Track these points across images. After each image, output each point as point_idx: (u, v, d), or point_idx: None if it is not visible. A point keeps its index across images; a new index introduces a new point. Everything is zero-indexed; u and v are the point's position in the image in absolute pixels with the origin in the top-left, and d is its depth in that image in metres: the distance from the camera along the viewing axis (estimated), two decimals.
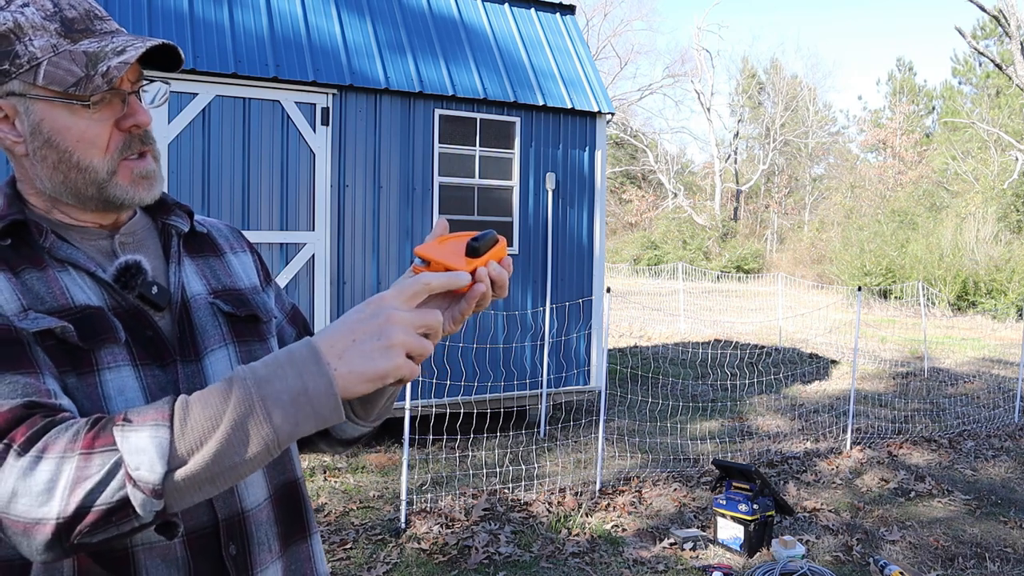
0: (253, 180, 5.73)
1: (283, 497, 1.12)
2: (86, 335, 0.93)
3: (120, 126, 0.98)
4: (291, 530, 1.12)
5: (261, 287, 1.22)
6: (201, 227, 1.19)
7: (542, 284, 6.86)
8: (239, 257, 1.21)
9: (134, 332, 0.99)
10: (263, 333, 1.15)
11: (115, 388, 0.94)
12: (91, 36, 0.96)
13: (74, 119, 0.96)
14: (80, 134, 0.96)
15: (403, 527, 4.35)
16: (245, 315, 1.13)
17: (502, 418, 6.63)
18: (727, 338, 12.98)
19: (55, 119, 0.96)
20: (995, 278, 18.48)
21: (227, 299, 1.12)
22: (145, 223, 1.12)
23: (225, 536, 1.01)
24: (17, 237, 0.98)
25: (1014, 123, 27.91)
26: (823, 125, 42.87)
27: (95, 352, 0.94)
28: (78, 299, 0.96)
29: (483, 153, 6.59)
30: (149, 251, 1.09)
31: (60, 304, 0.94)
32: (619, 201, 42.73)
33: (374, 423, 1.17)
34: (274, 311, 1.22)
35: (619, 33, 40.59)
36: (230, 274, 1.17)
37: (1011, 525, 4.78)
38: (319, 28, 6.10)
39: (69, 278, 0.97)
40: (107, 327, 0.95)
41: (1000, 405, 8.03)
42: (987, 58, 23.31)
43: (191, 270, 1.11)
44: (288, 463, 1.14)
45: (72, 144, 0.96)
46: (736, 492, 4.31)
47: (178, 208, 1.15)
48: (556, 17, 7.51)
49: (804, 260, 27.62)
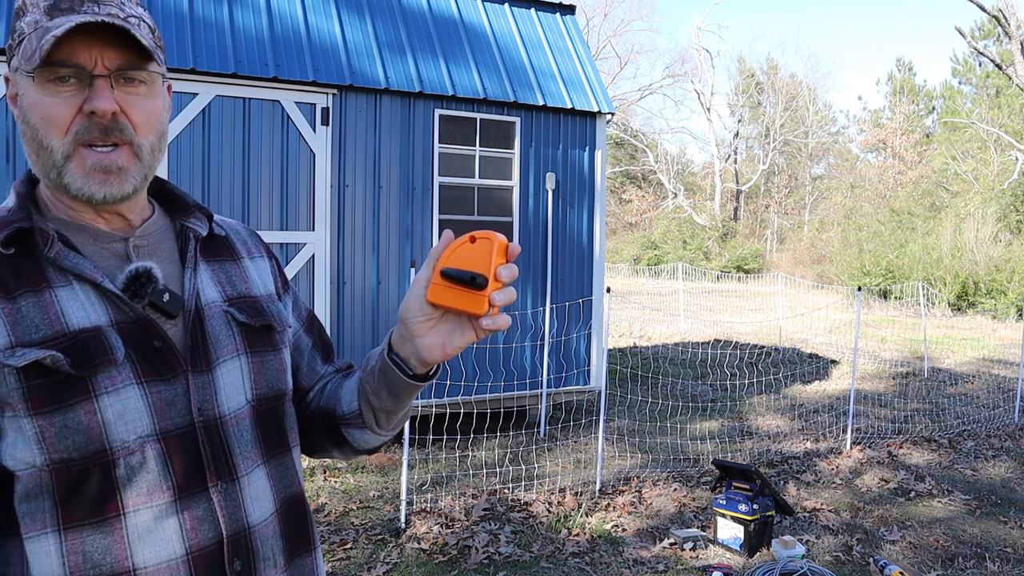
0: (253, 180, 5.73)
1: (289, 511, 1.10)
2: (80, 362, 0.91)
3: (83, 109, 0.95)
4: (296, 544, 1.11)
5: (277, 295, 1.20)
6: (220, 229, 1.16)
7: (542, 284, 6.86)
8: (256, 263, 1.19)
9: (139, 345, 0.97)
10: (276, 343, 1.13)
11: (114, 413, 0.93)
12: (72, 14, 0.94)
13: (41, 96, 0.95)
14: (44, 111, 0.95)
15: (403, 527, 4.35)
16: (259, 325, 1.11)
17: (502, 418, 6.63)
18: (727, 338, 12.98)
19: (29, 95, 0.96)
20: (995, 278, 18.48)
21: (242, 307, 1.10)
22: (163, 225, 1.10)
23: (230, 552, 0.99)
24: (22, 245, 0.96)
25: (1014, 123, 27.91)
26: (823, 125, 42.86)
27: (91, 378, 0.92)
28: (73, 322, 0.94)
29: (483, 153, 6.59)
30: (164, 255, 1.07)
31: (54, 331, 0.92)
32: (619, 201, 42.73)
33: (393, 431, 1.17)
34: (289, 320, 1.20)
35: (619, 33, 40.60)
36: (246, 281, 1.15)
37: (1011, 525, 4.78)
38: (319, 28, 6.10)
39: (70, 295, 0.95)
40: (102, 350, 0.93)
41: (1000, 405, 8.03)
42: (987, 58, 23.31)
43: (207, 276, 1.09)
44: (294, 476, 1.13)
45: (38, 121, 0.96)
46: (736, 492, 4.31)
47: (198, 210, 1.13)
48: (556, 17, 7.51)
49: (804, 260, 27.61)
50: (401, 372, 1.05)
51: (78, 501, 0.92)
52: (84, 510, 0.92)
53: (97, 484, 0.92)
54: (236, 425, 1.04)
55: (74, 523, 0.92)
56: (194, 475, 0.98)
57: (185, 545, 0.96)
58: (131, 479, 0.93)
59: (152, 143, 1.01)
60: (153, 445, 0.95)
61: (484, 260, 0.95)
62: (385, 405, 1.10)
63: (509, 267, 0.97)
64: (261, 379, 1.09)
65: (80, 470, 0.91)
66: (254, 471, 1.05)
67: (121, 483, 0.93)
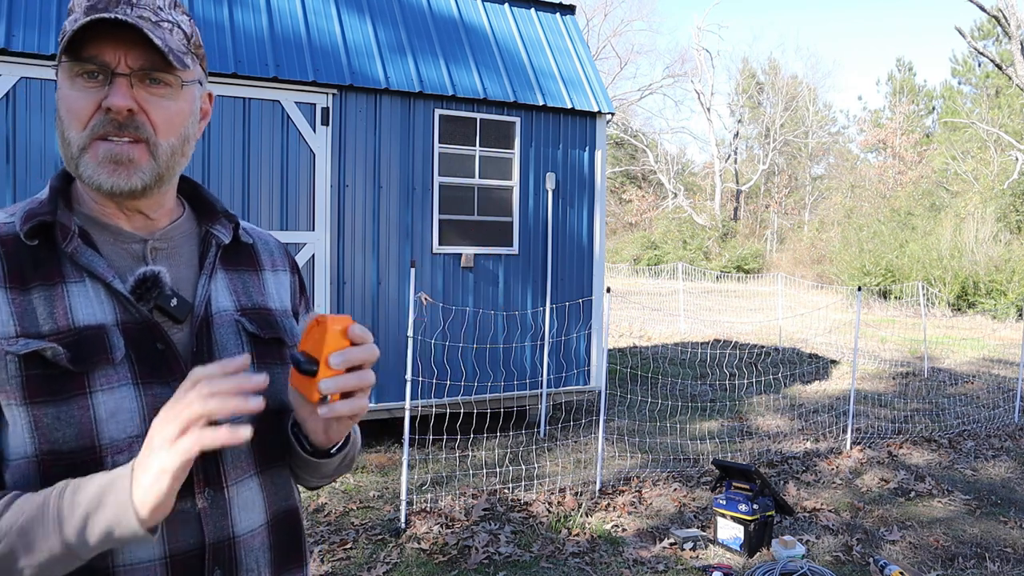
0: (253, 180, 5.73)
1: (281, 524, 1.09)
2: (78, 358, 0.93)
3: (101, 105, 0.97)
4: (286, 559, 1.09)
5: (294, 311, 1.20)
6: (247, 237, 1.16)
7: (542, 284, 6.86)
8: (277, 276, 1.19)
9: (141, 347, 0.97)
10: (286, 357, 1.12)
11: (107, 411, 0.93)
12: (104, 13, 0.96)
13: (69, 90, 0.98)
14: (69, 104, 0.98)
15: (403, 527, 4.35)
16: (269, 337, 1.11)
17: (502, 418, 6.63)
18: (727, 338, 12.98)
19: (61, 88, 0.99)
20: (995, 278, 18.48)
21: (254, 318, 1.10)
22: (188, 228, 1.11)
23: (211, 560, 0.99)
24: (45, 238, 0.98)
25: (1014, 123, 27.92)
26: (823, 125, 42.87)
27: (88, 375, 0.93)
28: (79, 318, 0.95)
29: (483, 153, 6.59)
30: (182, 260, 1.07)
31: (60, 326, 0.94)
32: (619, 201, 42.73)
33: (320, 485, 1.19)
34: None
35: (619, 33, 40.60)
36: (263, 293, 1.14)
37: (1011, 525, 4.78)
38: (319, 28, 6.10)
39: (81, 291, 0.97)
40: (101, 348, 0.95)
41: (1000, 405, 8.03)
42: (987, 58, 23.31)
43: (222, 284, 1.09)
44: (290, 490, 1.13)
45: (64, 113, 0.99)
46: (736, 492, 4.31)
47: (224, 217, 1.14)
48: (556, 17, 7.51)
49: (804, 260, 27.62)
50: (300, 446, 1.07)
51: None
52: None
53: None
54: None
55: None
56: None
57: (164, 548, 0.95)
58: None
59: (172, 144, 1.02)
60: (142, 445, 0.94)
61: (318, 345, 0.94)
62: (298, 466, 1.11)
63: (345, 353, 0.93)
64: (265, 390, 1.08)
65: (68, 464, 0.92)
66: (245, 480, 1.04)
67: None
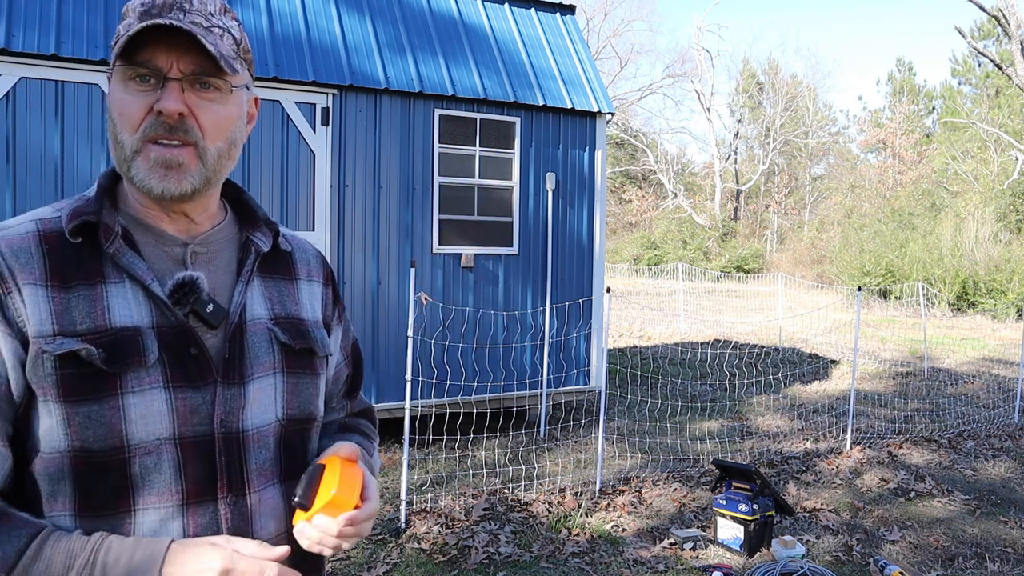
0: (253, 180, 5.73)
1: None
2: (112, 359, 0.95)
3: (153, 108, 0.99)
4: (305, 569, 1.08)
5: (326, 323, 1.21)
6: (286, 245, 1.18)
7: (542, 284, 6.86)
8: (312, 287, 1.20)
9: (174, 351, 0.99)
10: (316, 368, 1.14)
11: (137, 413, 0.95)
12: (158, 19, 0.97)
13: (122, 93, 0.99)
14: (122, 107, 0.99)
15: (403, 527, 4.35)
16: (300, 348, 1.12)
17: (502, 418, 6.63)
18: (727, 338, 12.98)
19: (113, 91, 1.01)
20: (995, 278, 18.47)
21: (286, 328, 1.11)
22: (229, 234, 1.12)
23: None
24: (89, 237, 1.00)
25: (1014, 123, 27.92)
26: (823, 125, 42.86)
27: (120, 376, 0.95)
28: (117, 319, 0.97)
29: (483, 153, 6.59)
30: (220, 265, 1.08)
31: (96, 325, 0.96)
32: (619, 201, 42.72)
33: None
34: (331, 348, 1.21)
35: (619, 33, 40.60)
36: (296, 302, 1.15)
37: (1011, 525, 4.78)
38: (319, 28, 6.10)
39: (120, 292, 0.98)
40: (135, 350, 0.96)
41: (1000, 405, 8.03)
42: (987, 58, 23.31)
43: (258, 292, 1.11)
44: None
45: (116, 115, 1.00)
46: (736, 492, 4.31)
47: (265, 224, 1.15)
48: (556, 17, 7.51)
49: (804, 260, 27.61)
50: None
51: (95, 491, 0.95)
52: (99, 501, 0.95)
53: (113, 478, 0.95)
54: (258, 441, 1.05)
55: (89, 512, 0.95)
56: (206, 483, 1.00)
57: None
58: (144, 478, 0.96)
59: (220, 148, 1.03)
60: (169, 448, 0.97)
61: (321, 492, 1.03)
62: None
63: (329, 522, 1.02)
64: (294, 400, 1.10)
65: (98, 461, 0.94)
66: (268, 488, 1.06)
67: (134, 481, 0.96)
